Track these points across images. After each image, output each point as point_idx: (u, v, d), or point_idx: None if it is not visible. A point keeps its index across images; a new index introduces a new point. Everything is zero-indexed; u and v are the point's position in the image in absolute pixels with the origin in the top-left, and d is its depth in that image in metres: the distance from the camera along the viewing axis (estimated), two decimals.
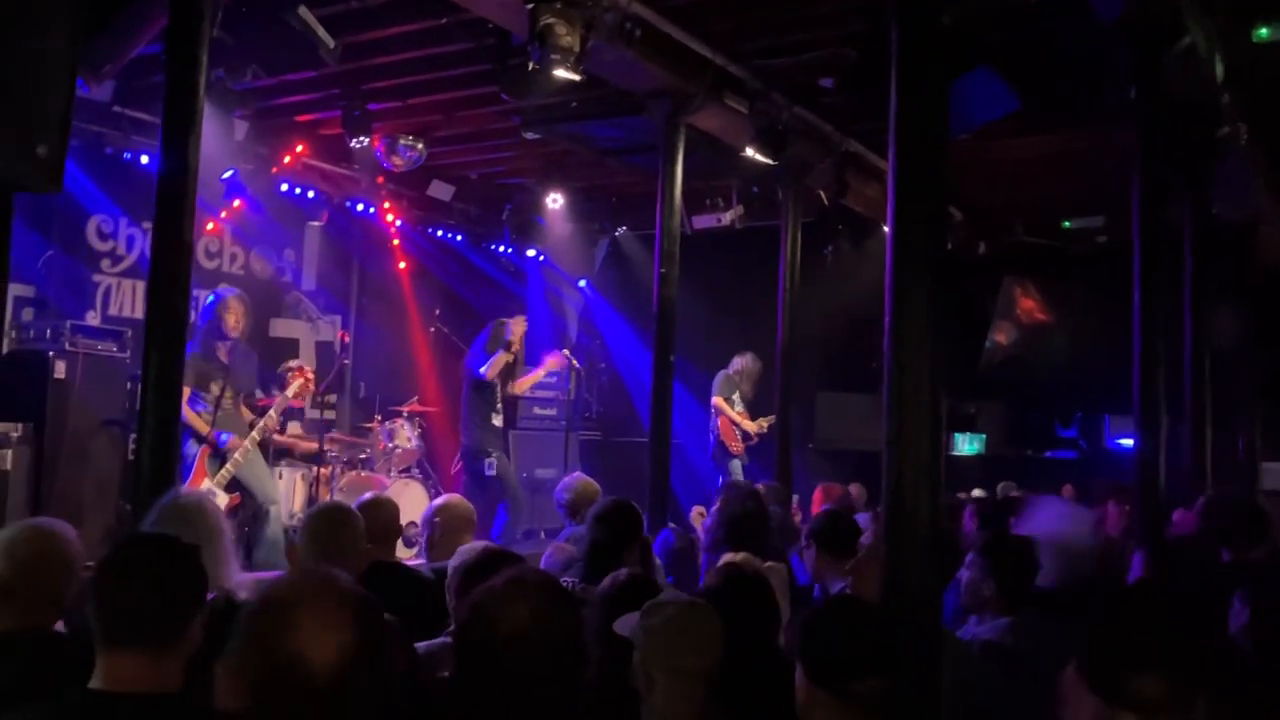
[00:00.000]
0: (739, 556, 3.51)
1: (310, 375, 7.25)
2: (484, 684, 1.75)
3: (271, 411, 6.88)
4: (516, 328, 8.19)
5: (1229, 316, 8.55)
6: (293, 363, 8.09)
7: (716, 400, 9.09)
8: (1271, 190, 7.33)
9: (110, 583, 2.04)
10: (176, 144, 3.86)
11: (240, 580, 3.13)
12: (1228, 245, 8.14)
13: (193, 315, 8.53)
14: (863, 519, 4.57)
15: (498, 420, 8.19)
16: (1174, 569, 3.86)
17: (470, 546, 3.57)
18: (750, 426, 9.02)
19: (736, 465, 9.00)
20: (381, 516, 3.83)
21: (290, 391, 6.97)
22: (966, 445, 10.53)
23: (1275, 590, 3.09)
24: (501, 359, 8.01)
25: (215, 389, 6.61)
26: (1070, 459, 10.38)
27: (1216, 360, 8.12)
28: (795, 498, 7.42)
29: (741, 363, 9.21)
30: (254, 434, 6.68)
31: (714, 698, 2.37)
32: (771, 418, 8.50)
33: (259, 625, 1.47)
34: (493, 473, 8.01)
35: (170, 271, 3.90)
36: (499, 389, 8.17)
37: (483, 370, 8.05)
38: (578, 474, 5.99)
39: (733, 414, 9.03)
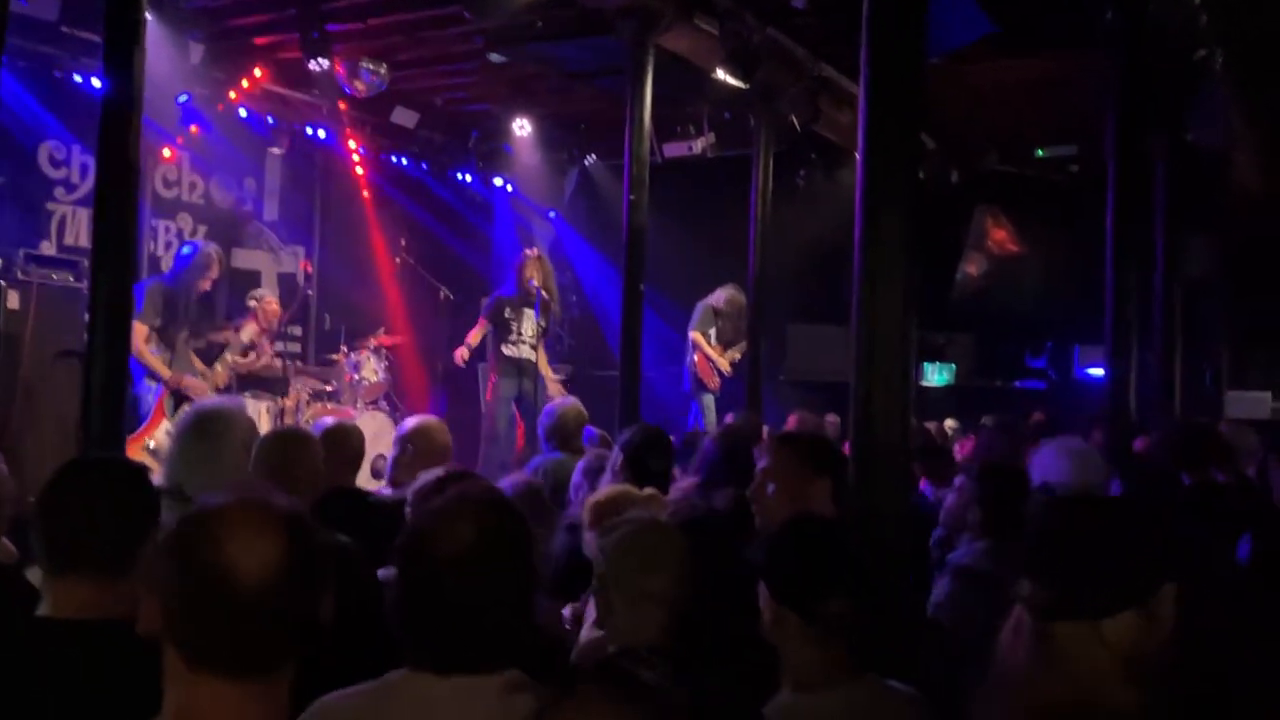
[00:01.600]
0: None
1: (273, 310, 7.13)
2: (426, 608, 1.68)
3: (226, 355, 6.82)
4: (520, 270, 7.96)
5: (1201, 245, 8.55)
6: (258, 293, 7.95)
7: (694, 335, 8.92)
8: (1247, 115, 7.26)
9: (55, 508, 1.97)
10: (119, 60, 3.70)
11: None
12: (1202, 173, 8.10)
13: (151, 245, 8.44)
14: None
15: (509, 350, 7.95)
16: (1137, 490, 3.86)
17: (433, 471, 3.49)
18: (723, 362, 8.90)
19: (709, 400, 8.94)
20: (343, 443, 3.74)
21: (244, 336, 6.90)
22: (936, 375, 10.54)
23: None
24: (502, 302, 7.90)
25: (172, 335, 6.57)
26: (1040, 389, 10.43)
27: (1186, 289, 8.12)
28: (765, 429, 7.40)
29: (724, 295, 8.89)
30: (214, 379, 6.65)
31: (678, 620, 2.32)
32: (742, 345, 8.42)
33: (182, 540, 1.39)
34: (490, 397, 7.94)
35: (117, 195, 3.75)
36: (511, 321, 7.96)
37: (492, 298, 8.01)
38: (568, 398, 5.86)
39: (709, 350, 8.90)
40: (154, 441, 6.46)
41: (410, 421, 4.33)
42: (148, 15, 4.50)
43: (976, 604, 2.95)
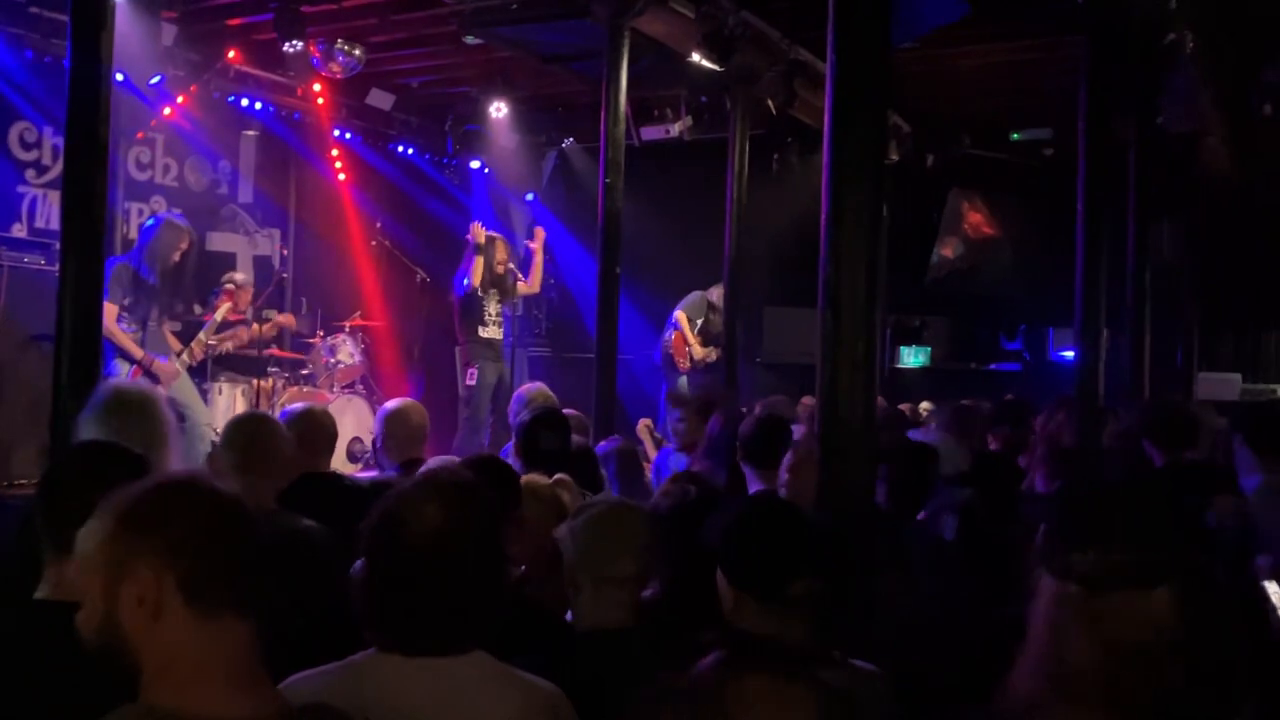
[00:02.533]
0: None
1: (245, 293, 7.08)
2: (394, 591, 1.69)
3: (201, 335, 6.77)
4: (501, 252, 8.02)
5: (1171, 228, 8.63)
6: (237, 276, 7.90)
7: (679, 314, 9.02)
8: (1215, 99, 7.32)
9: (58, 491, 2.01)
10: (87, 41, 3.67)
11: None
12: (1172, 158, 8.17)
13: (124, 228, 8.38)
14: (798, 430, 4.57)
15: (485, 332, 8.00)
16: (1107, 470, 3.91)
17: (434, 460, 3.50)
18: (699, 351, 8.97)
19: (684, 382, 8.99)
20: (315, 427, 3.74)
21: (218, 315, 6.86)
22: (912, 358, 10.61)
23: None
24: (478, 263, 7.87)
25: (142, 313, 6.50)
26: (1014, 371, 10.51)
27: (1156, 272, 8.19)
28: (744, 410, 7.43)
29: (719, 293, 8.83)
30: (184, 357, 6.60)
31: (646, 604, 2.34)
32: (718, 351, 8.53)
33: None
34: (472, 383, 7.93)
35: (85, 178, 3.72)
36: (485, 301, 7.99)
37: (465, 282, 7.93)
38: (535, 383, 5.86)
39: (689, 332, 8.99)
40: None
41: (384, 408, 4.34)
42: None
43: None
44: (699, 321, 9.04)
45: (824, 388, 2.52)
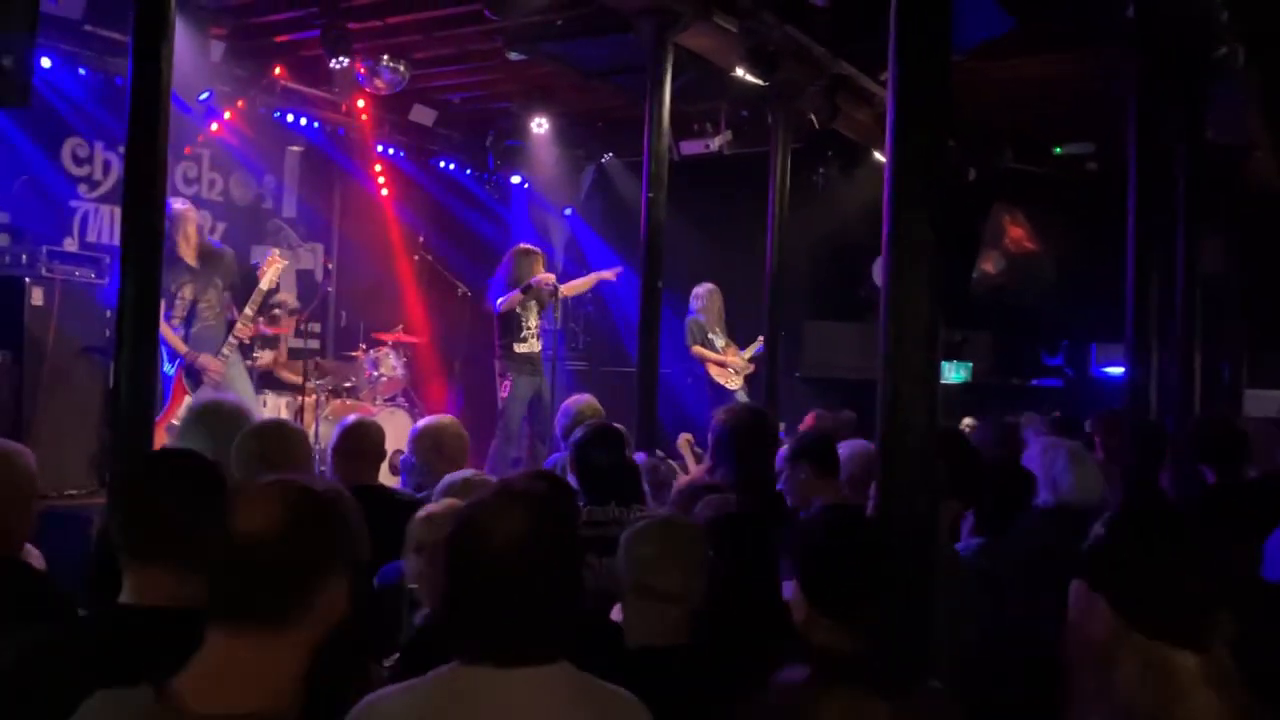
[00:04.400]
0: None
1: (277, 269, 6.93)
2: (479, 600, 1.69)
3: (247, 309, 6.71)
4: (538, 267, 7.92)
5: (1219, 243, 8.51)
6: (285, 298, 7.98)
7: (693, 350, 8.86)
8: (1266, 113, 7.23)
9: (136, 497, 2.03)
10: (148, 55, 3.72)
11: None
12: (1220, 171, 8.06)
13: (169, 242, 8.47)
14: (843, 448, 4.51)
15: (522, 346, 7.92)
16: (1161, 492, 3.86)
17: (454, 475, 3.51)
18: (737, 361, 8.85)
19: (741, 398, 8.89)
20: (363, 439, 3.77)
21: (265, 283, 6.71)
22: (953, 374, 10.52)
23: None
24: (516, 299, 7.84)
25: (187, 294, 6.51)
26: (1056, 387, 10.40)
27: (1204, 287, 8.08)
28: (782, 424, 7.39)
29: (699, 304, 8.85)
30: (230, 339, 6.60)
31: (696, 621, 2.33)
32: (759, 341, 8.39)
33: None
34: (505, 395, 7.93)
35: (145, 191, 3.77)
36: (523, 315, 7.93)
37: (500, 304, 7.91)
38: (583, 396, 5.85)
39: (713, 356, 8.81)
40: (178, 420, 6.48)
41: (418, 424, 4.34)
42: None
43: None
44: (711, 338, 8.87)
45: (885, 402, 2.51)
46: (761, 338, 8.20)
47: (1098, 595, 1.56)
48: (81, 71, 7.44)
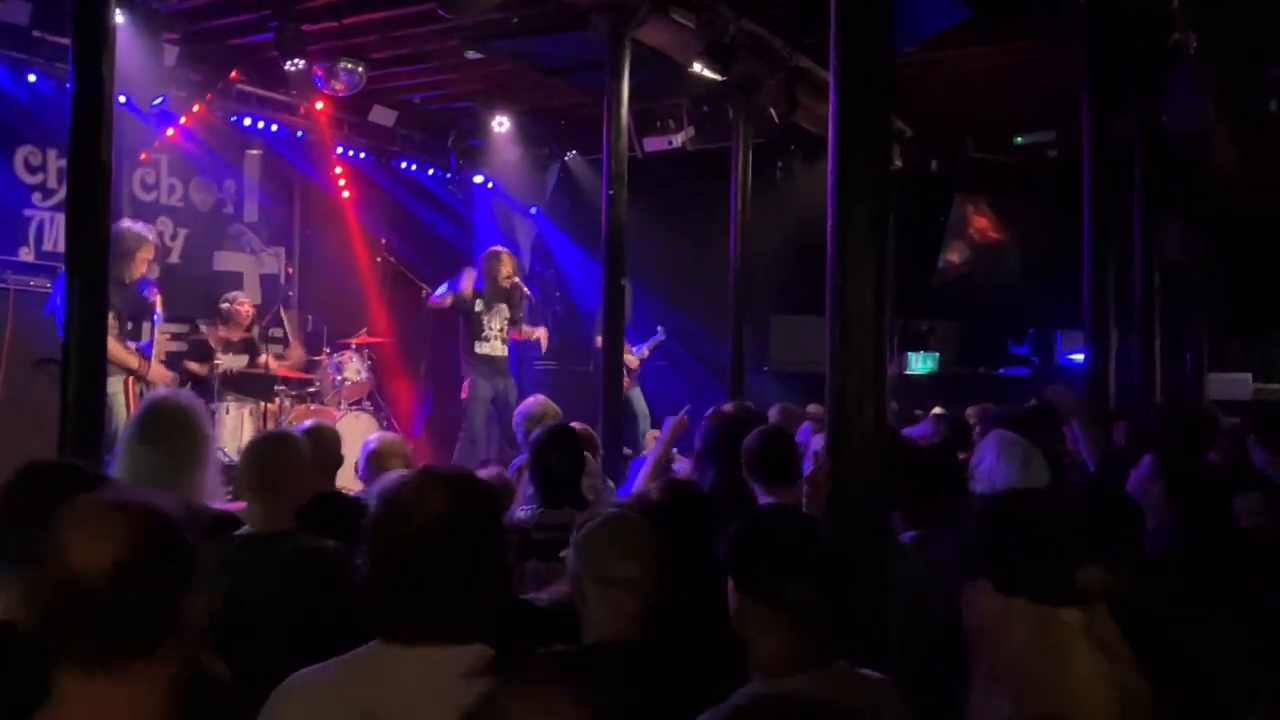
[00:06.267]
0: None
1: (246, 311, 6.96)
2: (397, 577, 1.69)
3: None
4: (504, 268, 7.88)
5: (1178, 229, 8.58)
6: (234, 295, 7.93)
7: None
8: (1221, 99, 7.29)
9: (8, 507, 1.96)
10: (89, 63, 3.67)
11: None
12: (1179, 158, 8.13)
13: None
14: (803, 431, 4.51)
15: (481, 348, 7.88)
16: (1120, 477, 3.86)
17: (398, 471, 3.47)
18: (631, 360, 8.78)
19: (635, 394, 8.95)
20: (319, 445, 3.72)
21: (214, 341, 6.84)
22: (920, 364, 10.57)
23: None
24: (448, 299, 7.85)
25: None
26: (1023, 375, 10.47)
27: (1165, 273, 8.15)
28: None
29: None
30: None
31: (650, 611, 2.31)
32: (659, 339, 8.56)
33: (38, 543, 1.45)
34: (464, 395, 7.91)
35: (89, 198, 3.72)
36: (485, 316, 7.91)
37: (438, 293, 7.92)
38: (537, 397, 5.82)
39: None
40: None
41: (370, 441, 4.26)
42: (120, 18, 4.49)
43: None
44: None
45: (832, 395, 2.50)
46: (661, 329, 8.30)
47: (982, 580, 1.65)
48: (31, 78, 7.32)
